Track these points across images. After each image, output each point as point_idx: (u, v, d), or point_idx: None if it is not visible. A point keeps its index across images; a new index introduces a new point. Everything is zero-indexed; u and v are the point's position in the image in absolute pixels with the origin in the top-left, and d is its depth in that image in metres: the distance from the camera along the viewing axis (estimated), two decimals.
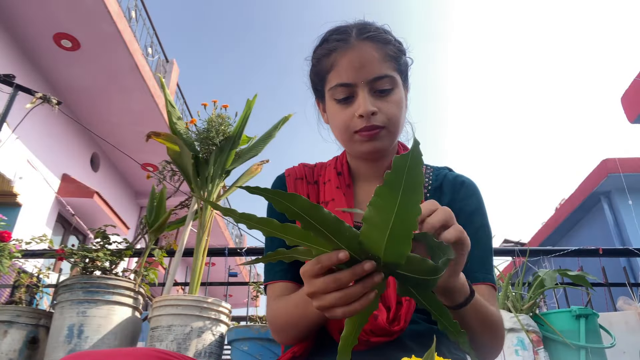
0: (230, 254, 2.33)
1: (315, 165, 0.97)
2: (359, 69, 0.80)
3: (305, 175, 0.94)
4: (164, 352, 0.66)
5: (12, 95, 3.30)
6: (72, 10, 5.35)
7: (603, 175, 6.68)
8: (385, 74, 0.81)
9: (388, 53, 0.82)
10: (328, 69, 0.84)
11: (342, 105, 0.83)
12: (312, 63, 0.90)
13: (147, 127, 6.63)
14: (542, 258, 2.43)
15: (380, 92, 0.81)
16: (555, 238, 8.38)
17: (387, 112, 0.81)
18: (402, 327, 0.74)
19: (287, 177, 0.93)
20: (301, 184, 0.92)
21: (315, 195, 0.90)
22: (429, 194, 0.89)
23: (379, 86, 0.81)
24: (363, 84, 0.80)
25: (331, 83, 0.83)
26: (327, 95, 0.86)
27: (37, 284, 2.02)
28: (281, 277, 0.84)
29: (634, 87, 5.78)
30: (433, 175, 0.92)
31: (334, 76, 0.83)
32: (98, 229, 1.87)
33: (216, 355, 1.57)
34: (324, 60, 0.85)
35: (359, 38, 0.82)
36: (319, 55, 0.86)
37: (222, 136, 1.84)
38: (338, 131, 0.86)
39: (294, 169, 0.95)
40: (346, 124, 0.82)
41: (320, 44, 0.88)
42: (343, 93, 0.82)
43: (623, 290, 2.26)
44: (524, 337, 1.61)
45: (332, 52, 0.83)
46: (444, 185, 0.90)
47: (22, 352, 1.72)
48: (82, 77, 6.33)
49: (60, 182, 6.80)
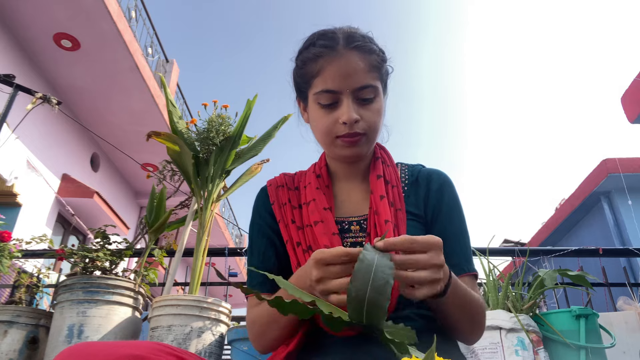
0: (230, 254, 2.33)
1: (296, 173, 1.03)
2: (345, 77, 0.83)
3: (286, 183, 0.98)
4: (169, 346, 0.66)
5: (12, 95, 3.30)
6: (72, 10, 5.35)
7: (603, 175, 6.68)
8: (370, 83, 0.85)
9: (372, 63, 0.86)
10: (314, 74, 0.86)
11: (326, 110, 0.86)
12: (297, 64, 0.93)
13: (147, 127, 6.66)
14: (542, 258, 2.43)
15: (363, 101, 0.85)
16: (555, 238, 8.38)
17: (369, 120, 0.86)
18: (390, 311, 0.76)
19: (269, 187, 0.99)
20: (282, 191, 0.96)
21: (297, 199, 0.95)
22: (406, 188, 0.94)
23: (362, 95, 0.85)
24: (348, 92, 0.84)
25: (317, 88, 0.86)
26: (311, 98, 0.89)
27: (37, 284, 2.02)
28: (259, 289, 0.89)
29: (634, 87, 5.78)
30: (408, 171, 0.98)
31: (320, 82, 0.85)
32: (98, 229, 1.87)
33: (216, 355, 1.57)
34: (311, 65, 0.87)
35: (346, 47, 0.85)
36: (305, 59, 0.89)
37: (222, 136, 1.84)
38: (320, 134, 0.90)
39: (275, 179, 1.00)
40: (329, 128, 0.86)
41: (306, 47, 0.91)
42: (328, 99, 0.85)
43: (623, 290, 2.26)
44: (524, 337, 1.61)
45: (319, 57, 0.86)
46: (419, 179, 0.96)
47: (22, 352, 1.72)
48: (82, 77, 6.33)
49: (60, 182, 6.80)
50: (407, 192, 0.93)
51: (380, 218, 0.84)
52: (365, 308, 0.54)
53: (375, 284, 0.53)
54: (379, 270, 0.54)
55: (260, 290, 0.88)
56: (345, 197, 0.95)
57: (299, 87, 0.94)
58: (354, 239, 0.87)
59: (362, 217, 0.90)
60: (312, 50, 0.88)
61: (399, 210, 0.87)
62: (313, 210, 0.88)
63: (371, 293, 0.53)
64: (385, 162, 0.96)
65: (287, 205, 0.93)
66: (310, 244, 0.85)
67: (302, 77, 0.90)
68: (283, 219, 0.92)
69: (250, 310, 0.88)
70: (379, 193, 0.88)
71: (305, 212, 0.90)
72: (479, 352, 1.61)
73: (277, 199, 0.95)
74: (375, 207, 0.87)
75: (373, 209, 0.87)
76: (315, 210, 0.88)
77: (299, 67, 0.92)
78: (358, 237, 0.87)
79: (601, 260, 2.62)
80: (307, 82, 0.89)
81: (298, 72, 0.92)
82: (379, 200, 0.87)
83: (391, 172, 0.94)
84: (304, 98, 0.93)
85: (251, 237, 0.96)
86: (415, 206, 0.91)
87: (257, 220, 0.96)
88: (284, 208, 0.93)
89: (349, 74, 0.83)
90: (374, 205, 0.87)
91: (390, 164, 0.97)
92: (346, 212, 0.92)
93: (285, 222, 0.91)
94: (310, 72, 0.87)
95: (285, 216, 0.92)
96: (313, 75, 0.87)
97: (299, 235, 0.88)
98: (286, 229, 0.90)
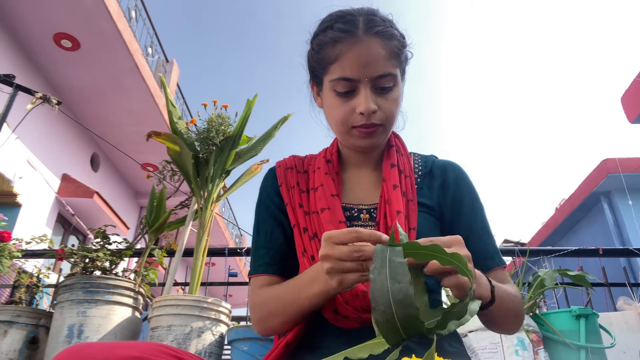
0: (230, 254, 2.33)
1: (306, 156, 1.00)
2: (365, 65, 0.79)
3: (295, 165, 0.96)
4: (168, 347, 0.66)
5: (12, 95, 3.30)
6: (72, 10, 5.35)
7: (603, 175, 6.67)
8: (389, 72, 0.81)
9: (393, 50, 0.82)
10: (331, 60, 0.82)
11: (343, 99, 0.83)
12: (312, 47, 0.88)
13: (147, 127, 6.65)
14: (542, 258, 2.43)
15: (382, 90, 0.82)
16: (555, 238, 8.38)
17: (386, 110, 0.83)
18: None
19: (278, 168, 0.96)
20: (291, 173, 0.94)
21: (305, 183, 0.92)
22: (419, 179, 0.92)
23: (381, 84, 0.81)
24: (367, 80, 0.80)
25: (333, 74, 0.82)
26: (326, 84, 0.85)
27: (37, 284, 2.02)
28: (264, 271, 0.86)
29: (634, 87, 5.77)
30: (422, 162, 0.96)
31: (337, 68, 0.81)
32: (98, 229, 1.87)
33: (216, 355, 1.56)
34: (328, 50, 0.83)
35: (367, 32, 0.80)
36: (322, 43, 0.84)
37: (222, 136, 1.84)
38: (335, 123, 0.87)
39: (284, 161, 0.98)
40: (345, 118, 0.83)
41: (323, 29, 0.86)
42: (345, 87, 0.81)
43: (623, 290, 2.26)
44: (524, 337, 1.61)
45: (337, 43, 0.81)
46: (433, 170, 0.93)
47: (22, 352, 1.72)
48: (82, 77, 6.33)
49: (60, 182, 6.80)
50: (420, 183, 0.91)
51: (392, 207, 0.82)
52: (400, 327, 0.51)
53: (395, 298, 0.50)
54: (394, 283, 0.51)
55: (266, 272, 0.86)
56: (355, 183, 0.93)
57: (314, 71, 0.89)
58: (362, 227, 0.85)
59: (372, 206, 0.87)
60: (329, 33, 0.83)
61: (410, 201, 0.85)
62: (320, 197, 0.86)
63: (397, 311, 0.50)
64: (400, 151, 0.94)
65: (295, 188, 0.91)
66: (316, 230, 0.83)
67: (318, 62, 0.86)
68: (291, 202, 0.89)
69: (256, 292, 0.85)
70: (392, 182, 0.86)
71: (312, 198, 0.88)
72: (479, 352, 1.61)
73: (285, 180, 0.93)
74: (387, 196, 0.84)
75: (385, 197, 0.84)
76: (323, 197, 0.85)
77: (314, 51, 0.87)
78: (367, 225, 0.85)
79: (601, 260, 2.62)
80: (323, 67, 0.85)
81: (314, 56, 0.87)
82: (391, 189, 0.85)
83: (405, 161, 0.92)
84: (319, 82, 0.89)
85: (258, 217, 0.93)
86: (429, 198, 0.89)
87: (265, 200, 0.93)
88: (292, 191, 0.91)
89: (369, 61, 0.79)
90: (386, 194, 0.85)
91: (405, 153, 0.94)
92: (356, 199, 0.90)
93: (293, 205, 0.89)
94: (327, 57, 0.83)
95: (292, 199, 0.89)
96: (330, 61, 0.82)
97: (305, 220, 0.85)
98: (293, 213, 0.88)
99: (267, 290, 0.83)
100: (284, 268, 0.87)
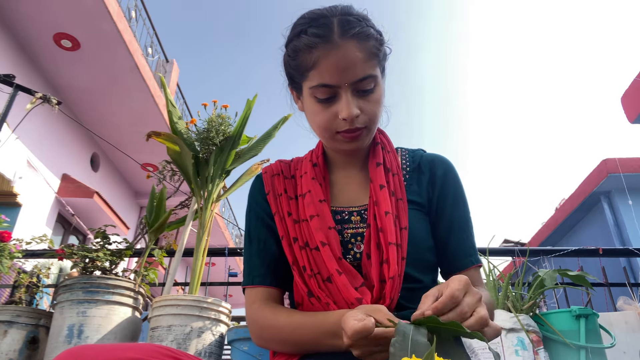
0: (230, 254, 2.33)
1: (292, 160, 0.98)
2: (344, 71, 0.77)
3: (282, 171, 0.94)
4: (168, 348, 0.65)
5: (12, 95, 3.30)
6: (72, 10, 5.35)
7: (603, 175, 6.67)
8: (369, 74, 0.79)
9: (371, 50, 0.80)
10: (309, 67, 0.80)
11: (324, 105, 0.81)
12: (288, 53, 0.85)
13: (147, 127, 6.66)
14: (542, 258, 2.43)
15: (363, 92, 0.80)
16: (555, 238, 8.37)
17: (369, 112, 0.82)
18: (387, 305, 0.74)
19: (264, 174, 0.95)
20: (278, 180, 0.93)
21: (293, 189, 0.91)
22: (407, 175, 0.91)
23: (362, 87, 0.80)
24: (347, 85, 0.78)
25: (312, 82, 0.80)
26: (306, 90, 0.83)
27: (37, 284, 2.02)
28: (261, 282, 0.85)
29: (634, 87, 5.77)
30: (409, 157, 0.95)
31: (316, 75, 0.79)
32: (98, 229, 1.87)
33: (216, 355, 1.56)
34: (304, 56, 0.80)
35: (342, 36, 0.77)
36: (297, 48, 0.81)
37: (222, 136, 1.84)
38: (318, 129, 0.85)
39: (270, 167, 0.96)
40: (328, 124, 0.82)
41: (297, 34, 0.82)
42: (325, 93, 0.80)
43: (623, 290, 2.26)
44: (524, 337, 1.61)
45: (313, 49, 0.78)
46: (422, 164, 0.93)
47: (22, 352, 1.72)
48: (82, 77, 6.33)
49: (60, 182, 6.80)
50: (408, 179, 0.90)
51: (380, 209, 0.81)
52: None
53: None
54: None
55: (263, 284, 0.84)
56: (344, 185, 0.92)
57: (292, 77, 0.87)
58: (354, 229, 0.84)
59: (363, 207, 0.86)
60: (303, 39, 0.80)
61: (400, 200, 0.84)
62: (309, 203, 0.84)
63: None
64: (385, 148, 0.92)
65: (283, 196, 0.89)
66: (307, 239, 0.82)
67: (295, 69, 0.83)
68: (279, 211, 0.88)
69: (252, 308, 0.83)
70: (378, 182, 0.85)
71: (301, 205, 0.86)
72: (479, 352, 1.61)
73: (272, 188, 0.91)
74: (375, 197, 0.83)
75: (373, 199, 0.84)
76: (311, 203, 0.84)
77: (290, 57, 0.84)
78: (359, 227, 0.84)
79: (601, 260, 2.62)
80: (301, 73, 0.82)
81: (290, 63, 0.84)
82: (378, 190, 0.84)
83: (391, 158, 0.91)
84: (298, 88, 0.87)
85: (249, 225, 0.91)
86: (418, 194, 0.88)
87: (255, 208, 0.92)
88: (280, 199, 0.89)
89: (347, 66, 0.77)
90: (374, 195, 0.84)
91: (391, 149, 0.93)
92: (346, 202, 0.89)
93: (281, 214, 0.87)
94: (304, 63, 0.80)
95: (281, 208, 0.88)
96: (307, 68, 0.80)
97: (295, 229, 0.84)
98: (282, 223, 0.86)
99: (272, 312, 0.81)
100: (280, 278, 0.86)
